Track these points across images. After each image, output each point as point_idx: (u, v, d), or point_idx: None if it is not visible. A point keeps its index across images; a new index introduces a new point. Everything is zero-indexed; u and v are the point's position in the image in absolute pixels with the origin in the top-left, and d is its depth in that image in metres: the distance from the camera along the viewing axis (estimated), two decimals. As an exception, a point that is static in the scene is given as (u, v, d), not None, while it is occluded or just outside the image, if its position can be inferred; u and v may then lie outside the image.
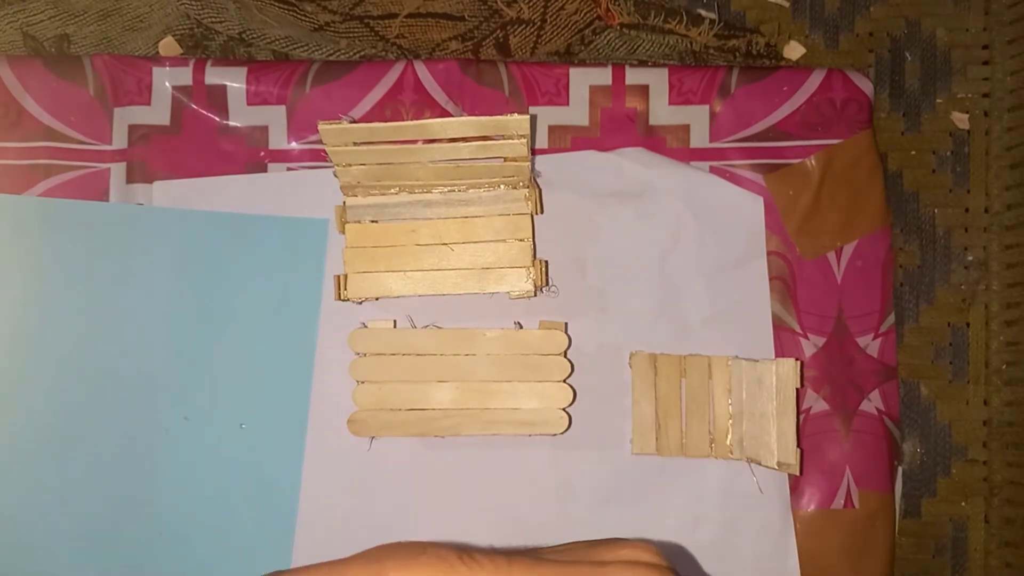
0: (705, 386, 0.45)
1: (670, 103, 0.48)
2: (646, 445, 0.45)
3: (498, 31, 0.50)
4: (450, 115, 0.48)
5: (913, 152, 0.50)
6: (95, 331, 0.47)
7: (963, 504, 0.49)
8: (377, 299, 0.46)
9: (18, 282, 0.47)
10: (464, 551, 0.23)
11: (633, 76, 0.49)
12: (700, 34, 0.50)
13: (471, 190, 0.45)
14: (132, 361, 0.47)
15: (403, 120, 0.46)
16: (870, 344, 0.47)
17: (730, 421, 0.45)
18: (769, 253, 0.48)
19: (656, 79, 0.48)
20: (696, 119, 0.48)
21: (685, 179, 0.48)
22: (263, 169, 0.49)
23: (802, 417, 0.47)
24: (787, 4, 0.51)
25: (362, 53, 0.51)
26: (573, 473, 0.46)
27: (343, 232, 0.46)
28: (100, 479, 0.46)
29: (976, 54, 0.50)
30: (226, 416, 0.47)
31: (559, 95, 0.49)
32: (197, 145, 0.49)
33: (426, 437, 0.45)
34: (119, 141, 0.49)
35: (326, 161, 0.45)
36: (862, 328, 0.47)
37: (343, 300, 0.45)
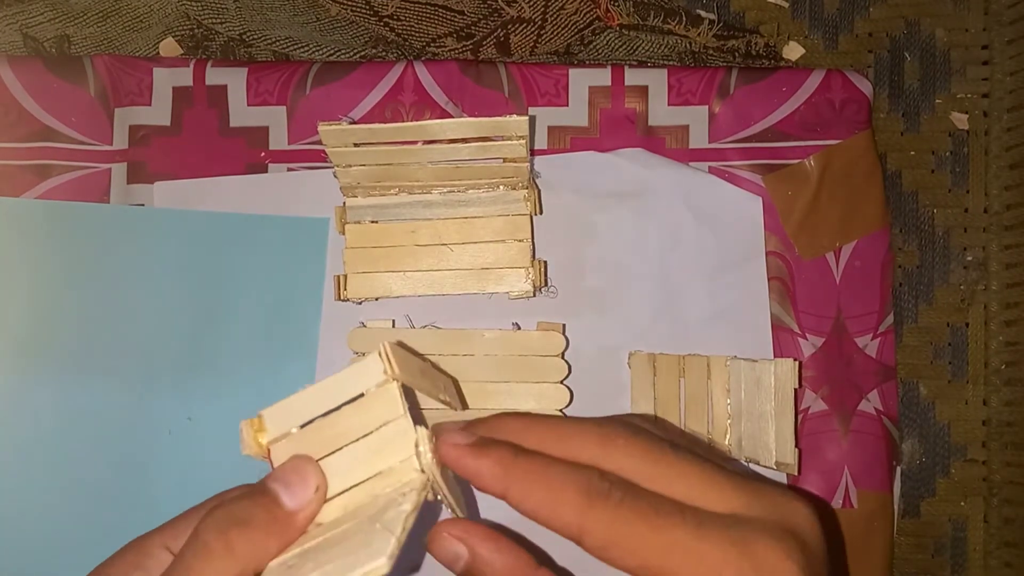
0: (704, 386, 0.45)
1: (669, 104, 0.48)
2: (645, 445, 0.46)
3: (499, 30, 0.50)
4: (450, 116, 0.48)
5: (912, 152, 0.50)
6: (97, 333, 0.47)
7: (962, 504, 0.49)
8: (377, 299, 0.46)
9: (19, 284, 0.47)
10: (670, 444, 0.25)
11: (632, 77, 0.49)
12: (699, 35, 0.50)
13: (470, 191, 0.45)
14: (134, 362, 0.47)
15: (403, 121, 0.46)
16: (869, 344, 0.48)
17: (729, 421, 0.45)
18: (768, 253, 0.48)
19: (655, 80, 0.49)
20: (695, 120, 0.48)
21: (684, 179, 0.48)
22: (263, 170, 0.49)
23: (800, 417, 0.47)
24: (786, 5, 0.51)
25: (360, 53, 0.51)
26: (572, 473, 0.46)
27: (343, 233, 0.46)
28: (102, 480, 0.46)
29: (975, 54, 0.50)
30: (229, 416, 0.47)
31: (558, 96, 0.49)
32: (198, 145, 0.49)
33: (425, 437, 0.45)
34: (120, 141, 0.49)
35: (326, 162, 0.45)
36: (861, 328, 0.48)
37: (343, 300, 0.45)
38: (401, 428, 0.28)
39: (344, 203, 0.46)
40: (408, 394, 0.29)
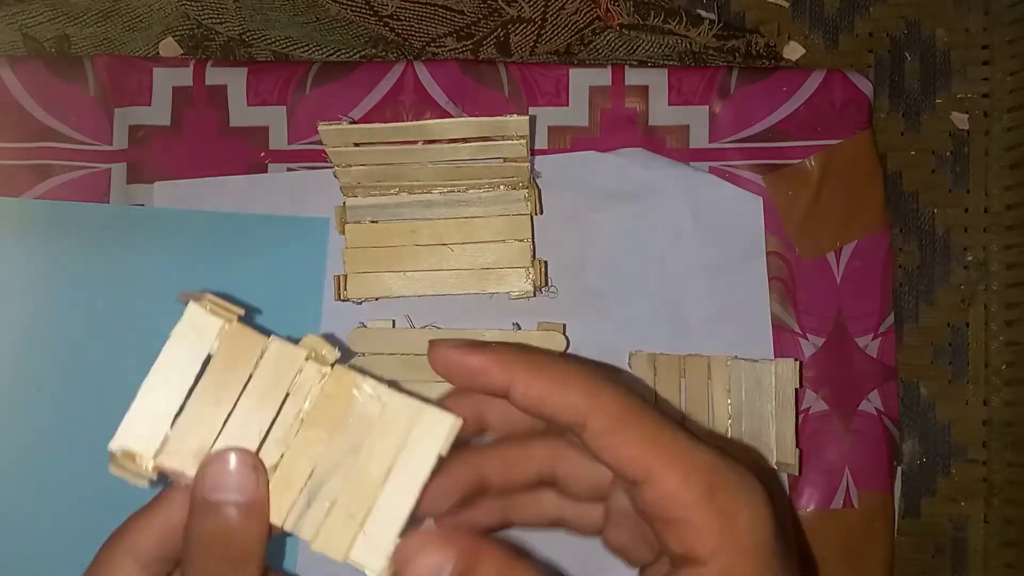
0: (704, 386, 0.45)
1: (669, 103, 0.48)
2: (645, 445, 0.45)
3: (499, 30, 0.50)
4: (450, 116, 0.48)
5: (913, 152, 0.50)
6: (96, 333, 0.47)
7: (963, 504, 0.49)
8: (377, 299, 0.46)
9: (19, 285, 0.47)
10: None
11: (633, 76, 0.49)
12: (700, 34, 0.50)
13: (471, 191, 0.45)
14: (134, 362, 0.47)
15: (403, 121, 0.46)
16: (869, 344, 0.48)
17: (729, 421, 0.45)
18: (768, 253, 0.48)
19: (656, 79, 0.48)
20: (695, 119, 0.48)
21: (684, 179, 0.48)
22: (263, 170, 0.49)
23: (801, 417, 0.47)
24: (787, 5, 0.51)
25: (360, 53, 0.51)
26: (572, 473, 0.46)
27: (343, 233, 0.46)
28: (101, 481, 0.46)
29: (976, 54, 0.50)
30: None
31: (559, 96, 0.49)
32: (197, 145, 0.49)
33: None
34: (120, 141, 0.49)
35: (326, 162, 0.45)
36: (861, 328, 0.48)
37: (343, 300, 0.45)
38: (278, 350, 0.27)
39: (344, 203, 0.46)
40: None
